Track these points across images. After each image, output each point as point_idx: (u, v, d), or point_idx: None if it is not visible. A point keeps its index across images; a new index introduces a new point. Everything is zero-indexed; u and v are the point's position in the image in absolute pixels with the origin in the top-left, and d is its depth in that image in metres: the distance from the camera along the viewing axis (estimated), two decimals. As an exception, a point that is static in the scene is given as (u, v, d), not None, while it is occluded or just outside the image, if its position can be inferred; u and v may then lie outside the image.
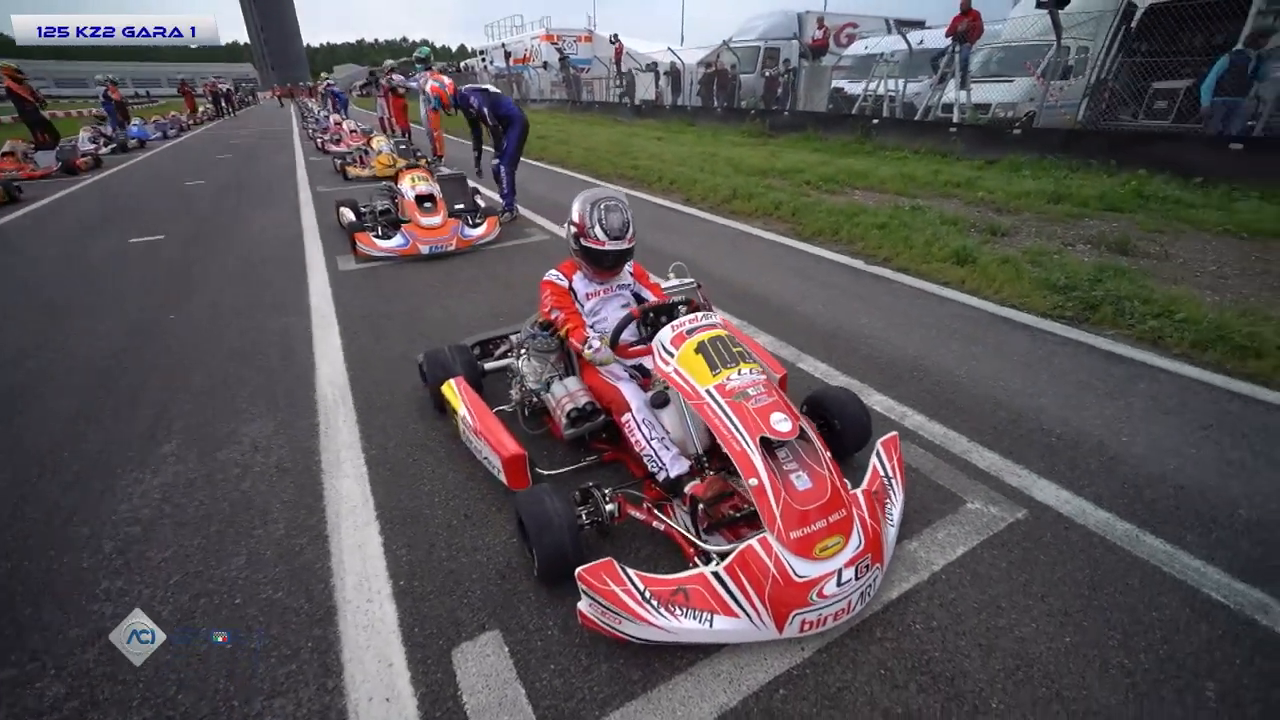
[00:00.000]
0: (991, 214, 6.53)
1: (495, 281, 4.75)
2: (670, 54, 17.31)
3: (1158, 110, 10.65)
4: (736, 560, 1.63)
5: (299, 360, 3.49)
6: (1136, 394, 2.98)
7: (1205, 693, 1.56)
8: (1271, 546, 2.02)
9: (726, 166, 9.29)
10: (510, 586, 1.90)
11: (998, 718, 1.50)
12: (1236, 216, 5.88)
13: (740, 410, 1.81)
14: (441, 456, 2.56)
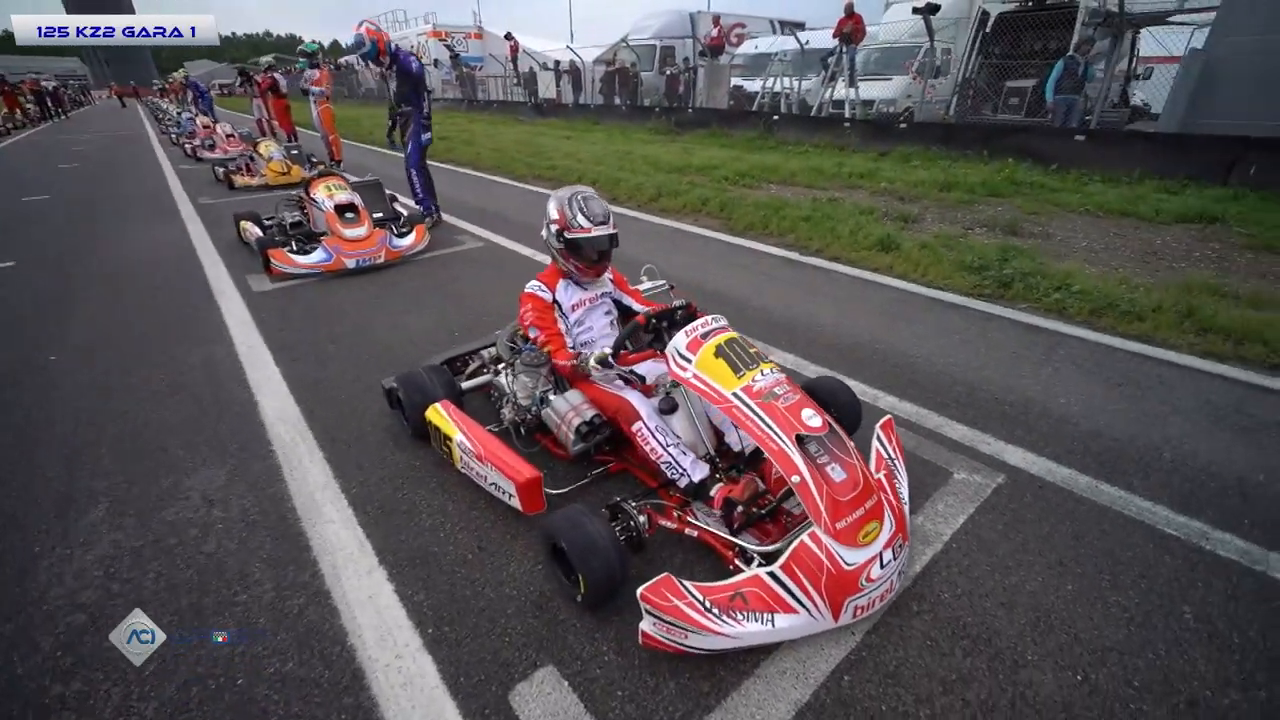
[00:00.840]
0: (896, 202, 7.08)
1: (442, 293, 4.48)
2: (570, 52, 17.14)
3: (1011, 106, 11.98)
4: (792, 557, 1.66)
5: (233, 395, 3.10)
6: (1059, 360, 3.37)
7: (1185, 616, 1.80)
8: (1196, 482, 2.37)
9: (644, 164, 9.37)
10: (550, 616, 1.81)
11: (1035, 669, 1.64)
12: (1090, 199, 6.80)
13: (772, 410, 1.84)
14: (434, 487, 2.39)
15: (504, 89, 20.89)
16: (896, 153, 9.72)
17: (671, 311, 2.28)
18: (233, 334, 3.82)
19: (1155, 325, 3.68)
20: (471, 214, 6.86)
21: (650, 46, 17.35)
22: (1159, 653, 1.69)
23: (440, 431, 2.35)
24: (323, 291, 4.55)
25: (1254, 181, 6.96)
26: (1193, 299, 3.90)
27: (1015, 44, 11.63)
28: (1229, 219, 5.91)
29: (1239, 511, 2.21)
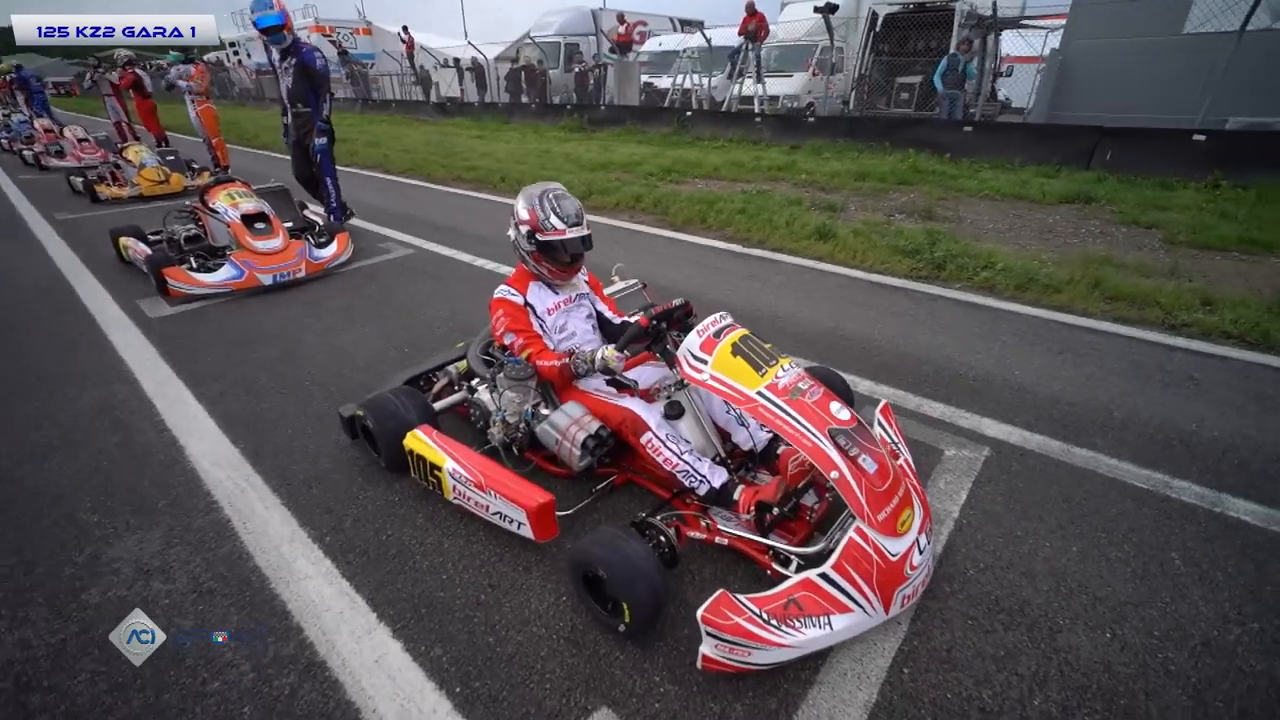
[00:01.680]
0: (819, 193, 7.37)
1: (379, 307, 4.09)
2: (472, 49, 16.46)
3: (902, 101, 12.87)
4: (844, 556, 1.62)
5: (149, 442, 2.64)
6: (1003, 334, 3.61)
7: (1174, 561, 1.96)
8: (1145, 436, 2.60)
9: (566, 163, 9.16)
10: (590, 652, 1.66)
11: (1070, 633, 1.71)
12: (986, 184, 7.41)
13: (801, 407, 1.79)
14: (422, 523, 2.14)
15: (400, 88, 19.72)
16: (808, 146, 10.13)
17: (671, 311, 2.18)
18: (133, 369, 3.26)
19: (1071, 296, 4.04)
20: (394, 219, 6.37)
21: (554, 43, 17.03)
22: (1165, 601, 1.81)
23: (425, 460, 2.11)
24: (237, 313, 4.02)
25: (1110, 164, 7.88)
26: (1095, 271, 4.33)
27: (902, 42, 12.52)
28: (1100, 199, 6.65)
29: (1187, 460, 2.44)
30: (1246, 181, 6.83)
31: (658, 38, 17.51)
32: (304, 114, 5.15)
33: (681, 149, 10.46)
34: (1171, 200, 6.42)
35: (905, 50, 12.53)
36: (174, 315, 3.97)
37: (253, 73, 24.78)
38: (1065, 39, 9.90)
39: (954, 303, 4.09)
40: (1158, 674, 1.60)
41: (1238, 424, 2.67)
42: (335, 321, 3.85)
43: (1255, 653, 1.65)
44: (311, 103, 5.10)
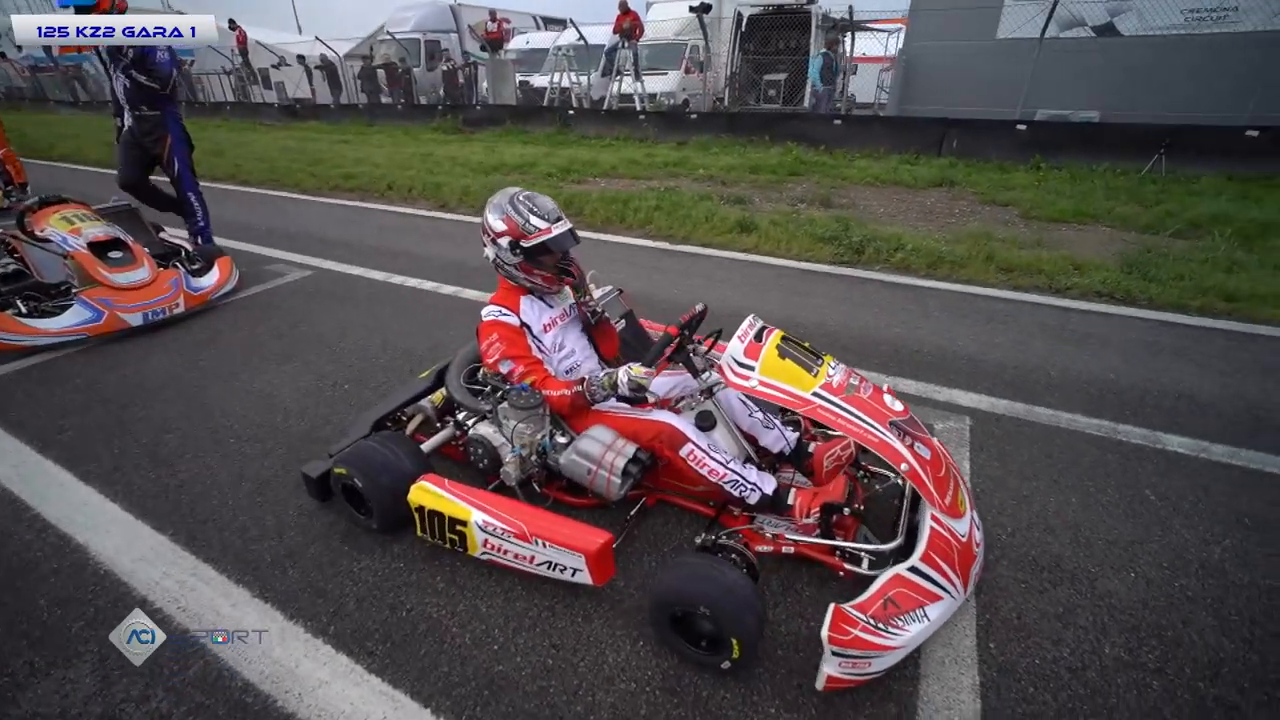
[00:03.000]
0: (720, 187, 7.58)
1: (292, 340, 3.50)
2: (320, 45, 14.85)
3: (770, 97, 13.68)
4: (930, 547, 1.63)
5: (27, 549, 2.02)
6: (933, 310, 3.93)
7: (1150, 498, 2.22)
8: (1081, 389, 2.94)
9: (455, 166, 8.59)
10: (693, 697, 1.52)
11: (1103, 579, 1.87)
12: (864, 172, 8.09)
13: (859, 403, 1.78)
14: (443, 588, 1.84)
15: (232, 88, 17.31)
16: (694, 142, 10.41)
17: (696, 319, 2.07)
18: (-33, 452, 2.50)
19: (974, 271, 4.51)
20: (274, 238, 5.54)
21: (414, 40, 15.93)
22: (1158, 535, 2.05)
23: (441, 515, 1.81)
24: (100, 364, 3.23)
25: (957, 152, 8.95)
26: (985, 246, 4.87)
27: (765, 42, 13.29)
28: (960, 182, 7.52)
29: (1118, 406, 2.81)
30: (1058, 163, 8.10)
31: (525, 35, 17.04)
32: (151, 118, 4.29)
33: (571, 148, 10.26)
34: (1012, 181, 7.42)
35: (768, 49, 13.32)
36: (3, 375, 3.10)
37: (25, 69, 20.46)
38: (907, 41, 11.09)
39: (882, 284, 4.39)
40: (1181, 601, 1.79)
41: (1140, 370, 3.12)
42: (243, 362, 3.24)
43: (1238, 566, 1.92)
44: (160, 105, 4.26)
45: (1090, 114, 9.54)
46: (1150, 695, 1.53)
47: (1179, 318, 3.78)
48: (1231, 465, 2.40)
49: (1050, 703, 1.51)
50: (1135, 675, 1.58)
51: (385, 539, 2.01)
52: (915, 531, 1.77)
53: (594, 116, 12.04)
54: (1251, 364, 3.21)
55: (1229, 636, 1.69)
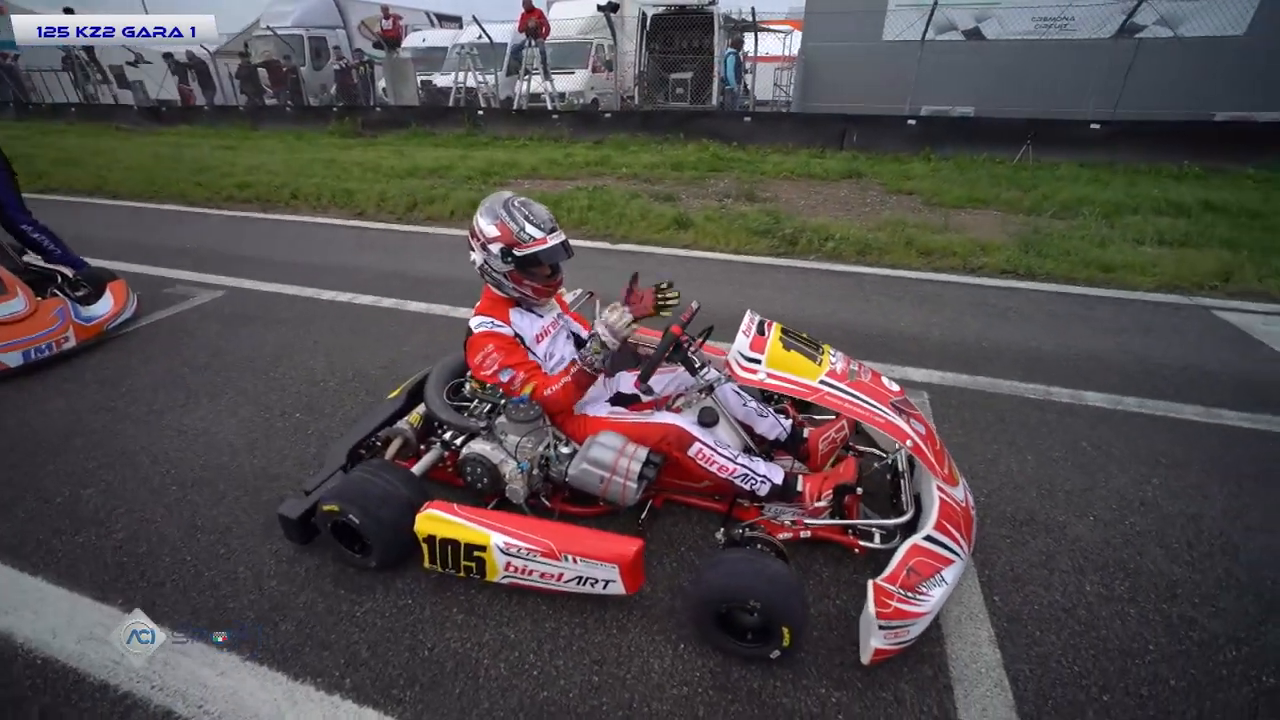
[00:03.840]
0: (646, 185, 7.65)
1: (219, 369, 3.13)
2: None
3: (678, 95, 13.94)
4: (941, 515, 1.74)
5: (-68, 647, 1.67)
6: (871, 294, 4.20)
7: (1086, 449, 2.51)
8: (1012, 358, 3.27)
9: (365, 171, 8.06)
10: (746, 690, 1.54)
11: (1071, 525, 2.09)
12: (778, 167, 8.47)
13: (862, 387, 1.87)
14: (462, 620, 1.74)
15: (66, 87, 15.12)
16: (610, 141, 10.43)
17: (693, 317, 2.08)
18: None
19: (897, 256, 4.87)
20: (167, 256, 4.92)
21: (296, 36, 14.73)
22: (1102, 481, 2.32)
23: (456, 543, 1.70)
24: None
25: (858, 145, 9.59)
26: (903, 233, 5.26)
27: (668, 41, 13.51)
28: (866, 174, 8.07)
29: (1046, 369, 3.14)
30: (945, 154, 8.91)
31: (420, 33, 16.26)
32: None
33: (486, 150, 9.95)
34: (910, 172, 8.06)
35: (672, 48, 13.57)
36: None
37: None
38: (804, 41, 11.71)
39: (820, 273, 4.63)
40: (1133, 537, 2.05)
41: (1054, 337, 3.52)
42: (164, 399, 2.86)
43: (1168, 498, 2.22)
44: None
45: (967, 109, 10.55)
46: (1130, 622, 1.74)
47: (1071, 288, 4.29)
48: (1140, 414, 2.77)
49: (1055, 642, 1.68)
50: (1115, 607, 1.78)
51: (385, 575, 1.86)
52: (916, 502, 1.90)
53: (504, 117, 11.74)
54: (1134, 325, 3.71)
55: (1175, 562, 1.95)
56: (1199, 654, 1.65)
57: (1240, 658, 1.64)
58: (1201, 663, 1.62)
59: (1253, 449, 2.52)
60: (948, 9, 10.18)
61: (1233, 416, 2.73)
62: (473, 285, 2.16)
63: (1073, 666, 1.61)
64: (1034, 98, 9.83)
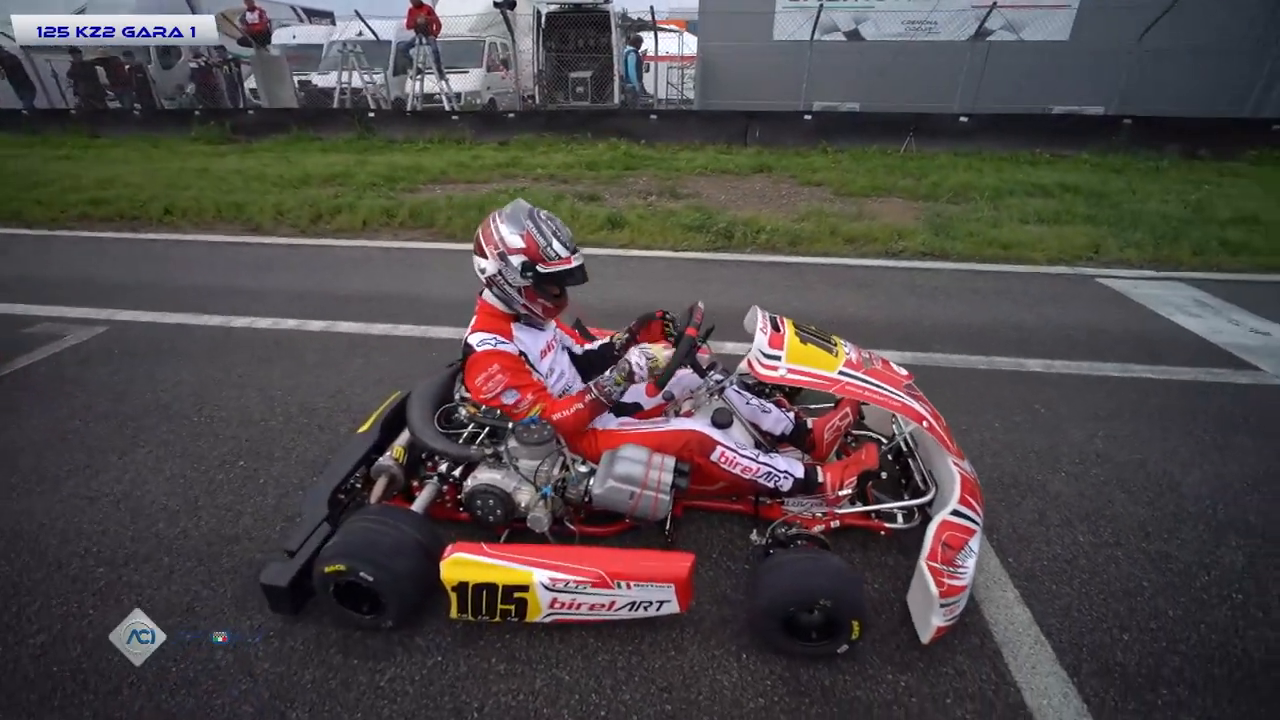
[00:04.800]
0: (564, 185, 7.50)
1: (123, 419, 2.62)
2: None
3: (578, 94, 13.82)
4: (965, 491, 1.82)
5: None
6: (811, 282, 4.38)
7: (1042, 411, 2.76)
8: (954, 334, 3.53)
9: (249, 181, 7.21)
10: (819, 688, 1.52)
11: (1051, 482, 2.29)
12: (692, 163, 8.63)
13: (877, 374, 1.92)
14: (504, 670, 1.57)
15: None
16: (517, 141, 10.13)
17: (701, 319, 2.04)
18: None
19: (826, 244, 5.12)
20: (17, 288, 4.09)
21: (136, 29, 12.91)
22: (1061, 438, 2.56)
23: (493, 587, 1.54)
24: None
25: (761, 141, 10.00)
26: (825, 222, 5.54)
27: (564, 40, 13.33)
28: (775, 168, 8.42)
29: (984, 341, 3.42)
30: (840, 148, 9.52)
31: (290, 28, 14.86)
32: None
33: (384, 154, 9.28)
34: (814, 164, 8.51)
35: (568, 47, 13.41)
36: None
37: None
38: (700, 41, 12.01)
39: (760, 265, 4.76)
40: (1100, 485, 2.28)
41: (981, 311, 3.85)
42: (59, 461, 2.36)
43: (1116, 448, 2.49)
44: None
45: (853, 105, 11.35)
46: (1121, 564, 1.92)
47: (981, 266, 4.73)
48: (1072, 374, 3.09)
49: (1070, 592, 1.82)
50: (1106, 552, 1.97)
51: (400, 633, 1.65)
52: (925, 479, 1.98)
53: (398, 119, 11.02)
54: (1043, 295, 4.15)
55: (1138, 504, 2.19)
56: (1182, 583, 1.86)
57: (1212, 580, 1.87)
58: (1186, 591, 1.83)
59: (1163, 396, 2.89)
60: (831, 11, 10.86)
61: (1141, 369, 3.13)
62: (411, 301, 1.99)
63: (1091, 613, 1.75)
64: (909, 94, 10.75)
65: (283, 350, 3.28)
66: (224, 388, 2.89)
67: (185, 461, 2.37)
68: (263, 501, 2.16)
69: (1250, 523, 2.10)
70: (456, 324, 3.55)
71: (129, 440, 2.51)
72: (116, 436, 2.54)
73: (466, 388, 1.95)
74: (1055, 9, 10.68)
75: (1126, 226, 5.48)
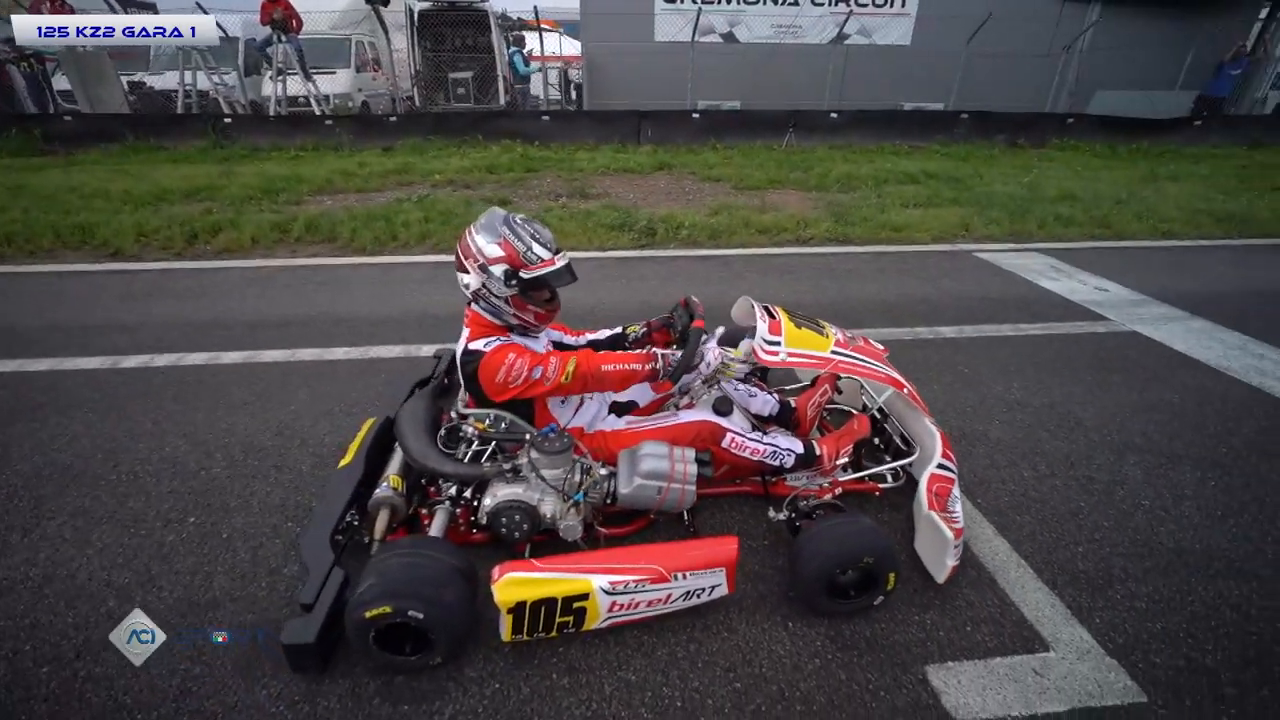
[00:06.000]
0: (467, 190, 7.23)
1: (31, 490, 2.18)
2: None
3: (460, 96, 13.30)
4: (945, 445, 2.06)
5: None
6: (741, 272, 4.62)
7: (964, 371, 3.15)
8: (882, 311, 3.90)
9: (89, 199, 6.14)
10: (865, 638, 1.66)
11: (989, 430, 2.63)
12: (592, 163, 8.67)
13: (863, 350, 2.10)
14: (569, 685, 1.55)
15: None
16: (403, 146, 9.59)
17: (691, 311, 2.12)
18: None
19: (744, 236, 5.41)
20: None
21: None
22: (986, 392, 2.95)
23: (553, 601, 1.50)
24: None
25: (653, 139, 10.27)
26: (737, 215, 5.84)
27: (439, 39, 12.76)
28: (675, 165, 8.70)
29: (905, 315, 3.82)
30: (728, 144, 10.04)
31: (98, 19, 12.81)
32: None
33: (252, 164, 8.36)
34: (708, 160, 8.91)
35: (444, 47, 12.85)
36: None
37: None
38: (585, 42, 12.04)
39: (691, 259, 4.93)
40: (1027, 428, 2.67)
41: (894, 288, 4.29)
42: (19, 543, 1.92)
43: (1030, 396, 2.91)
44: None
45: (734, 103, 11.98)
46: (1061, 491, 2.28)
47: (879, 248, 5.25)
48: (980, 336, 3.56)
49: (1030, 520, 2.13)
50: (1048, 483, 2.32)
51: (447, 669, 1.56)
52: (907, 440, 2.22)
53: (260, 124, 9.95)
54: (938, 271, 4.70)
55: (1058, 439, 2.59)
56: (1106, 500, 2.24)
57: (1126, 494, 2.27)
58: (1110, 505, 2.21)
59: (1050, 348, 3.42)
60: (708, 14, 11.36)
61: (1029, 328, 3.67)
62: (337, 322, 1.88)
63: (1050, 535, 2.06)
64: (784, 93, 11.56)
65: (200, 389, 2.89)
66: (139, 438, 2.50)
67: (117, 528, 2.03)
68: (234, 558, 1.92)
69: (1138, 443, 2.57)
70: (399, 342, 3.35)
71: (28, 514, 2.10)
72: (8, 512, 2.11)
73: (484, 393, 1.86)
74: (898, 16, 11.98)
75: (985, 206, 6.33)
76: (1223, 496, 2.26)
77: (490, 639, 1.61)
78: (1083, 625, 1.72)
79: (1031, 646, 1.66)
